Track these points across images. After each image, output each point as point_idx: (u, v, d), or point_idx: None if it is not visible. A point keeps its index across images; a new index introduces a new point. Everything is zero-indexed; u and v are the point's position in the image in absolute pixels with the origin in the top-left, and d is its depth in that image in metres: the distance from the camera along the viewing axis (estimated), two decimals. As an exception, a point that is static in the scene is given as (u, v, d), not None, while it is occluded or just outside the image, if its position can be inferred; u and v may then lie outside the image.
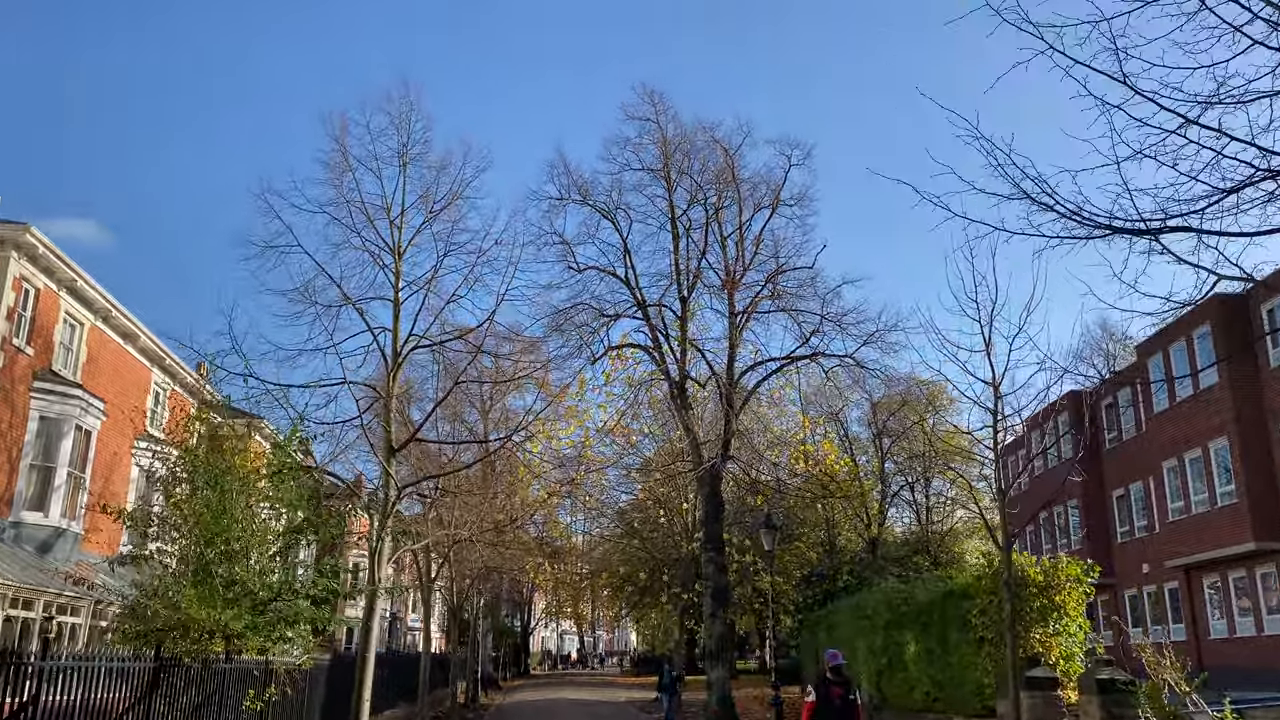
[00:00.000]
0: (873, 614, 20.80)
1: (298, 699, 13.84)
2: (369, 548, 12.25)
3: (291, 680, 12.85)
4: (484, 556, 27.87)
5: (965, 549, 65.42)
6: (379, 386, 13.22)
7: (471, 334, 13.20)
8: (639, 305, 27.67)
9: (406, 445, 13.03)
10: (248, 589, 9.97)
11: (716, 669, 24.63)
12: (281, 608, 10.41)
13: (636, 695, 45.04)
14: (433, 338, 13.34)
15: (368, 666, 11.98)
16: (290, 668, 12.95)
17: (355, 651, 12.60)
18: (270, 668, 12.13)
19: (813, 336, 26.84)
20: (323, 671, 15.82)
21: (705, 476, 26.20)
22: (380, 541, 11.99)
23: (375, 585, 11.84)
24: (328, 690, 15.74)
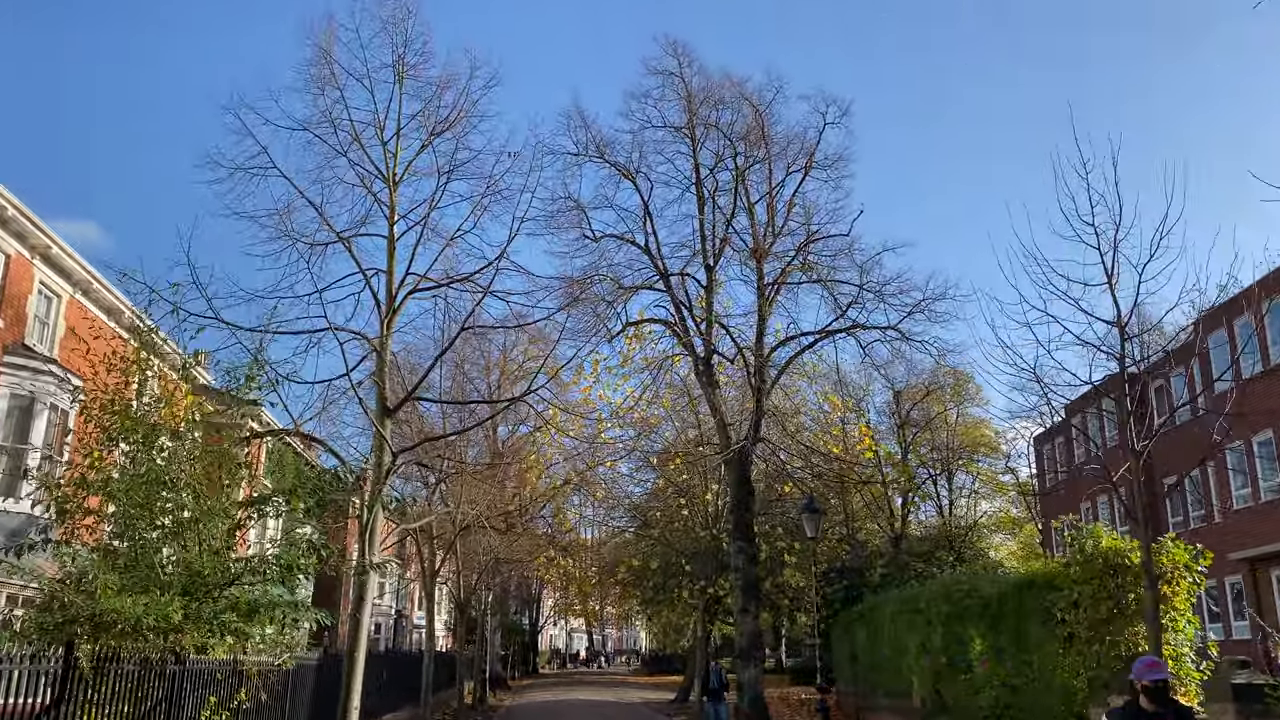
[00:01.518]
0: (927, 608, 18.63)
1: (277, 705, 11.77)
2: (359, 524, 10.21)
3: (267, 683, 10.80)
4: (493, 546, 25.81)
5: (990, 544, 63.36)
6: (372, 338, 11.17)
7: (480, 274, 11.15)
8: (661, 275, 25.56)
9: (403, 405, 10.96)
10: (193, 571, 7.93)
11: (748, 668, 22.52)
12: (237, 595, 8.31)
13: (652, 696, 42.97)
14: (435, 278, 11.28)
15: (357, 666, 9.96)
16: (267, 668, 10.89)
17: (345, 648, 10.50)
18: (240, 669, 10.08)
19: (850, 308, 24.72)
20: (309, 672, 13.74)
21: (733, 460, 24.09)
22: (372, 515, 9.96)
23: (366, 566, 9.81)
24: (316, 694, 13.67)
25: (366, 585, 10.27)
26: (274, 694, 11.59)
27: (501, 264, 10.58)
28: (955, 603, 17.31)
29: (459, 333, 11.23)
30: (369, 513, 10.08)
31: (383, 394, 10.80)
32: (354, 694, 10.07)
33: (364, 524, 10.16)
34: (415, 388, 10.80)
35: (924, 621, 18.77)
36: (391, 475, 10.77)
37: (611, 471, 34.64)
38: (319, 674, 14.23)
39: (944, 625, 17.68)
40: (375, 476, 10.31)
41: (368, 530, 10.17)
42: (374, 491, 10.15)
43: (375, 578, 10.42)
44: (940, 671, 18.08)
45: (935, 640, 18.05)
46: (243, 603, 8.21)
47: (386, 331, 11.01)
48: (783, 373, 25.11)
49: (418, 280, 11.28)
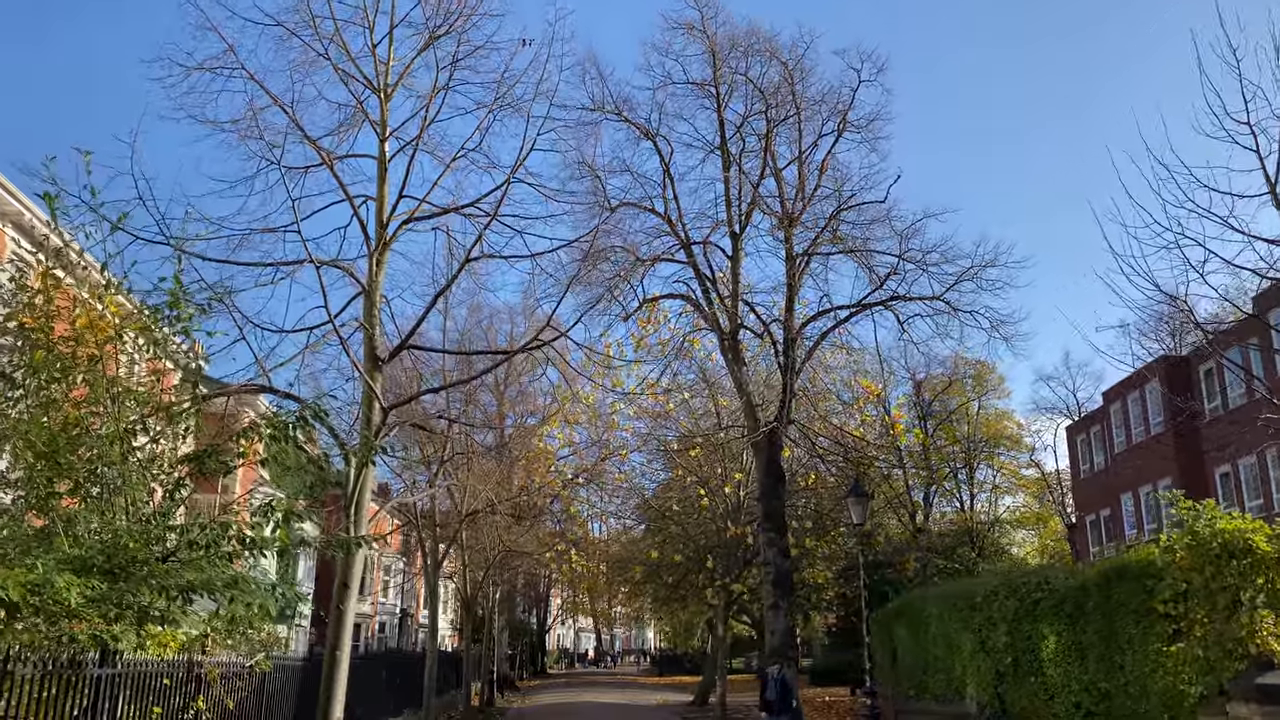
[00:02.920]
0: (985, 603, 16.68)
1: (252, 714, 9.91)
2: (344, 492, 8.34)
3: (233, 688, 8.97)
4: (500, 537, 23.96)
5: (1011, 540, 61.42)
6: (361, 276, 9.31)
7: (488, 198, 9.28)
8: (683, 245, 23.67)
9: (398, 353, 9.09)
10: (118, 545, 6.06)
11: (781, 670, 20.57)
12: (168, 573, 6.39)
13: (668, 698, 41.05)
14: (435, 205, 9.42)
15: (339, 667, 8.12)
16: (234, 670, 9.05)
17: (327, 645, 8.60)
18: (197, 671, 8.23)
19: (888, 279, 22.78)
20: (293, 675, 11.89)
21: (762, 444, 22.19)
22: (359, 481, 8.12)
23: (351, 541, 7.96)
24: (301, 700, 11.80)
25: (352, 567, 8.42)
26: (245, 701, 9.74)
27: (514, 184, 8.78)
28: (1023, 597, 15.37)
29: (463, 265, 9.35)
30: (356, 476, 8.24)
31: (372, 340, 8.95)
32: (335, 700, 8.22)
33: (349, 491, 8.32)
34: (411, 332, 8.96)
35: (983, 618, 16.83)
36: (382, 435, 8.92)
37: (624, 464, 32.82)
38: (305, 677, 12.36)
39: (1008, 622, 15.75)
40: (364, 436, 8.46)
41: (353, 498, 8.32)
42: (362, 452, 8.31)
43: (363, 556, 8.55)
44: (1003, 673, 16.15)
45: (997, 639, 16.11)
46: (173, 583, 6.30)
47: (377, 267, 9.16)
48: (814, 350, 23.18)
49: (415, 206, 9.40)
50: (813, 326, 24.00)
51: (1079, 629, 13.83)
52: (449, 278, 9.53)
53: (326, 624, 32.85)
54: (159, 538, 6.43)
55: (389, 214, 9.38)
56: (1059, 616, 14.37)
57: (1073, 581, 14.41)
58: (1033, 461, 60.11)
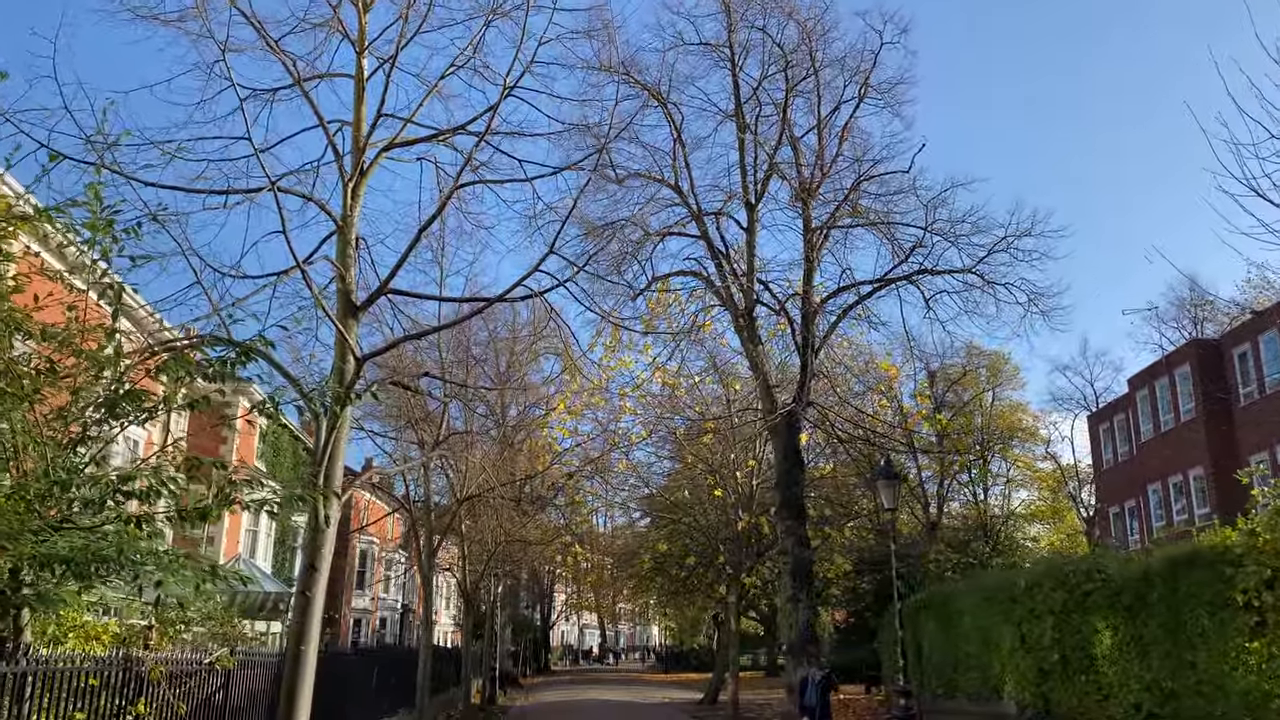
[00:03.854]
0: (1027, 595, 15.35)
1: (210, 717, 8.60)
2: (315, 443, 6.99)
3: (185, 690, 7.68)
4: (501, 526, 22.65)
5: (1025, 534, 60.08)
6: (335, 213, 7.99)
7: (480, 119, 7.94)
8: (695, 217, 22.34)
9: (377, 298, 7.78)
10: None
11: (801, 666, 19.28)
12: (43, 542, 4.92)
13: (675, 695, 39.77)
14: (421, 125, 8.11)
15: (303, 664, 6.79)
16: (186, 668, 7.75)
17: (289, 639, 7.24)
18: (135, 669, 6.92)
19: (914, 252, 21.43)
20: (270, 673, 10.56)
21: (780, 427, 20.87)
22: (330, 438, 6.82)
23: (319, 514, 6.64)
24: (275, 703, 10.47)
25: (321, 542, 7.10)
26: (206, 706, 8.44)
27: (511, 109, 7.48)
28: (1072, 588, 14.04)
29: (452, 190, 8.00)
30: (328, 432, 6.93)
31: (346, 283, 7.65)
32: (299, 705, 6.90)
33: (317, 450, 7.00)
34: (393, 273, 7.65)
35: (1024, 611, 15.50)
36: (363, 395, 7.61)
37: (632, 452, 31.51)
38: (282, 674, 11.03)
39: (1056, 615, 14.42)
40: (336, 391, 7.15)
41: (322, 457, 7.01)
42: (334, 406, 7.01)
43: (333, 532, 7.24)
44: (1048, 670, 14.83)
45: (1043, 633, 14.78)
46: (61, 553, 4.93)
47: (352, 199, 7.85)
48: (836, 326, 21.85)
49: (398, 130, 8.07)
50: (832, 303, 22.71)
51: (1139, 622, 12.51)
52: (436, 211, 8.20)
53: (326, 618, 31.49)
54: (46, 495, 5.10)
55: (366, 137, 8.08)
56: (1115, 609, 13.06)
57: (1130, 570, 13.09)
58: (1049, 454, 58.82)
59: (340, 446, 7.35)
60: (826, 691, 13.78)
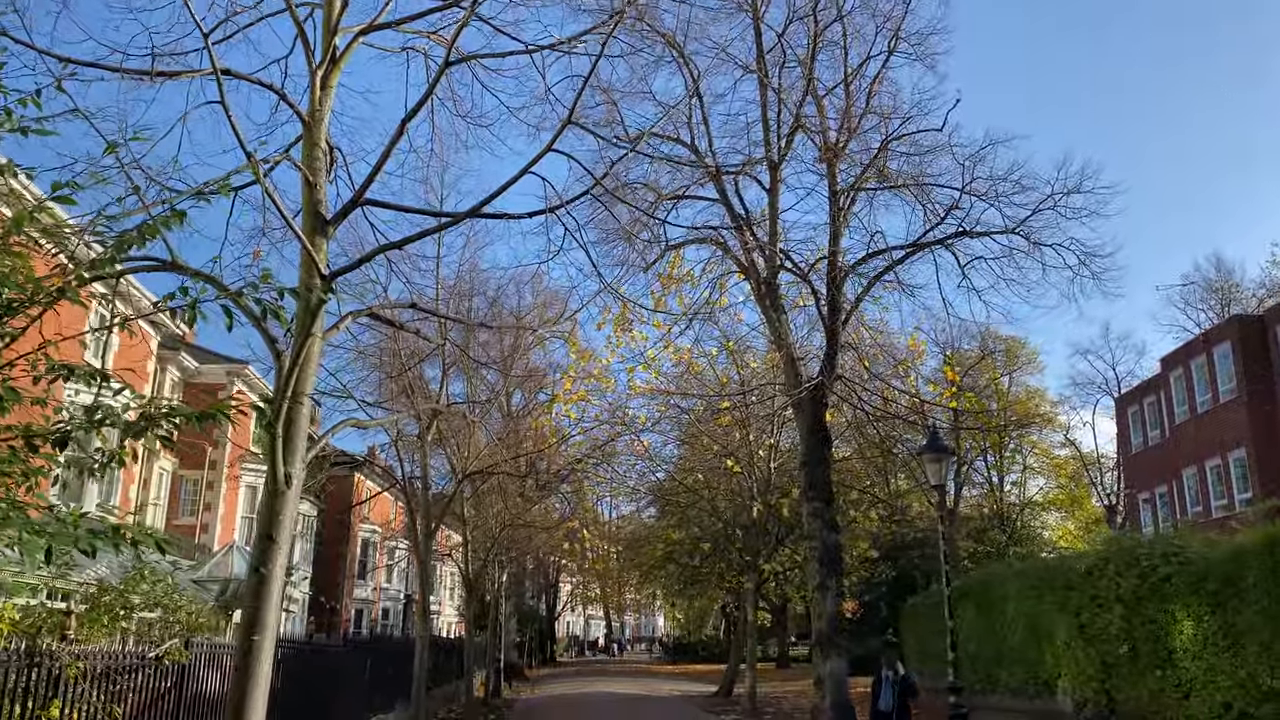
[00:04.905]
0: (1088, 581, 13.88)
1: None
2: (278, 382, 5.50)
3: (116, 691, 6.25)
4: (506, 509, 21.21)
5: (1042, 524, 58.73)
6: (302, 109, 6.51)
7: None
8: (712, 177, 20.78)
9: (351, 211, 6.29)
10: None
11: (830, 659, 17.87)
12: None
13: (687, 689, 38.39)
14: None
15: (257, 657, 5.32)
16: (122, 662, 6.31)
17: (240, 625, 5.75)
18: (46, 665, 5.48)
19: (950, 214, 19.88)
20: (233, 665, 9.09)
21: (805, 403, 19.36)
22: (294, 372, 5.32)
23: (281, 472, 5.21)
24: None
25: (281, 507, 5.64)
26: (147, 708, 6.99)
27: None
28: (1145, 572, 12.54)
29: (440, 73, 6.51)
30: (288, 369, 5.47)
31: (314, 191, 6.18)
32: (251, 704, 5.45)
33: (277, 389, 5.53)
34: (369, 180, 6.16)
35: (1084, 598, 14.03)
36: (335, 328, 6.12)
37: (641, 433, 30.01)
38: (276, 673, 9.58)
39: (1125, 603, 12.92)
40: (301, 317, 5.69)
41: (282, 399, 5.53)
42: (298, 335, 5.56)
43: (296, 494, 5.76)
44: (1113, 664, 13.35)
45: (1109, 623, 13.29)
46: None
47: (322, 91, 6.38)
48: (865, 295, 20.31)
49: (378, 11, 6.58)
50: (861, 272, 21.18)
51: (1230, 610, 11.02)
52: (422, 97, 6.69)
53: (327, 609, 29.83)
54: None
55: (338, 18, 6.58)
56: (1199, 595, 11.56)
57: (1217, 552, 11.59)
58: (1068, 440, 57.35)
59: (305, 387, 5.88)
60: (906, 695, 12.18)
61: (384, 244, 6.22)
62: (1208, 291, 49.60)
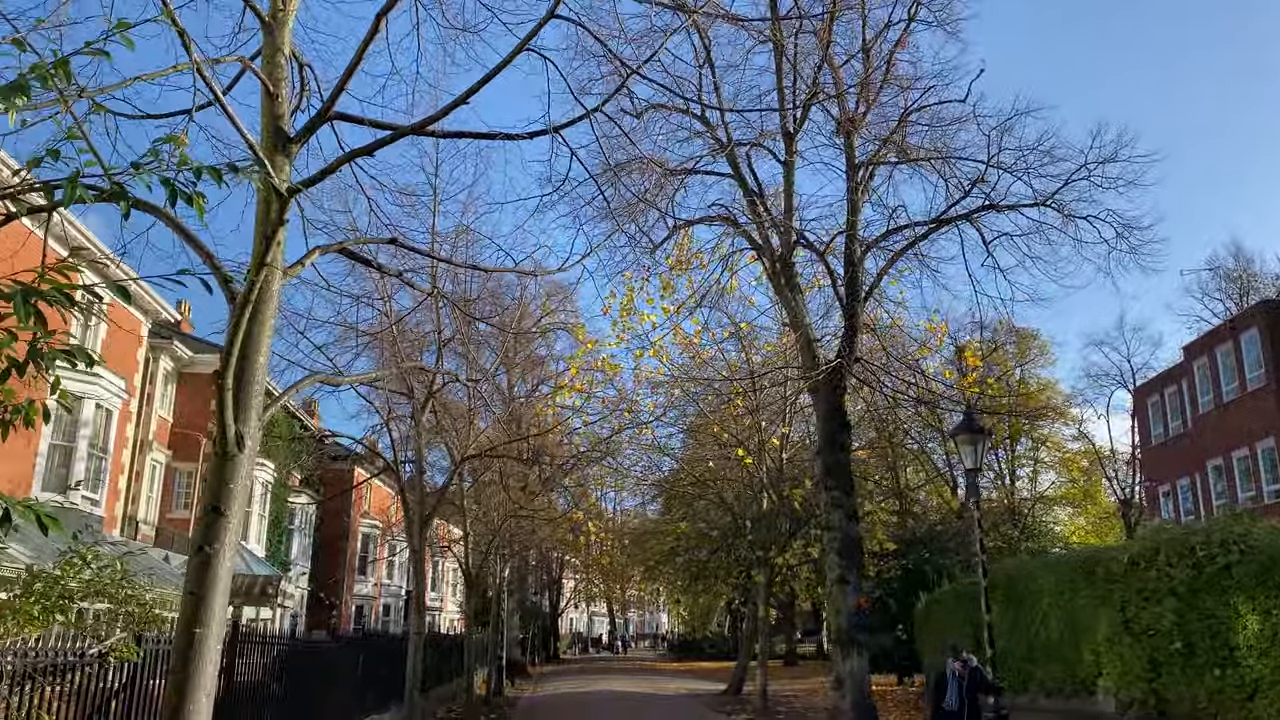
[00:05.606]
0: (1134, 572, 12.86)
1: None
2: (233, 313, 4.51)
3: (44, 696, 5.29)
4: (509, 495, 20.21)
5: (1054, 519, 57.84)
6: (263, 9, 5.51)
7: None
8: (724, 150, 19.79)
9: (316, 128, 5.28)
10: None
11: (850, 657, 16.88)
12: None
13: (694, 687, 37.41)
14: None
15: (201, 655, 4.35)
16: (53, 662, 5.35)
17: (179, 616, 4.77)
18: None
19: (975, 187, 18.85)
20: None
21: (822, 387, 18.37)
22: (245, 310, 4.33)
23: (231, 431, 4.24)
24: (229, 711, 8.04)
25: (231, 474, 4.65)
26: (88, 713, 6.01)
27: None
28: (1201, 562, 11.53)
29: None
30: (240, 306, 4.48)
31: (275, 103, 5.19)
32: (191, 710, 4.45)
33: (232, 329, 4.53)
34: (339, 89, 5.18)
35: (1130, 591, 13.01)
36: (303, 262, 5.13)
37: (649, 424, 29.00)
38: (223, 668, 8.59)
39: (1179, 596, 11.91)
40: (257, 246, 4.71)
41: (233, 344, 4.54)
42: (253, 263, 4.58)
43: (250, 454, 4.77)
44: (1163, 662, 12.34)
45: (1159, 617, 12.27)
46: None
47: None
48: (885, 272, 19.30)
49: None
50: (878, 251, 20.17)
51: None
52: None
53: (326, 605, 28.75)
54: None
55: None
56: (1265, 587, 10.55)
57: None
58: (1081, 434, 56.31)
59: (263, 332, 4.89)
60: (976, 690, 11.08)
61: (353, 150, 5.22)
62: (1226, 280, 48.52)
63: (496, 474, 19.47)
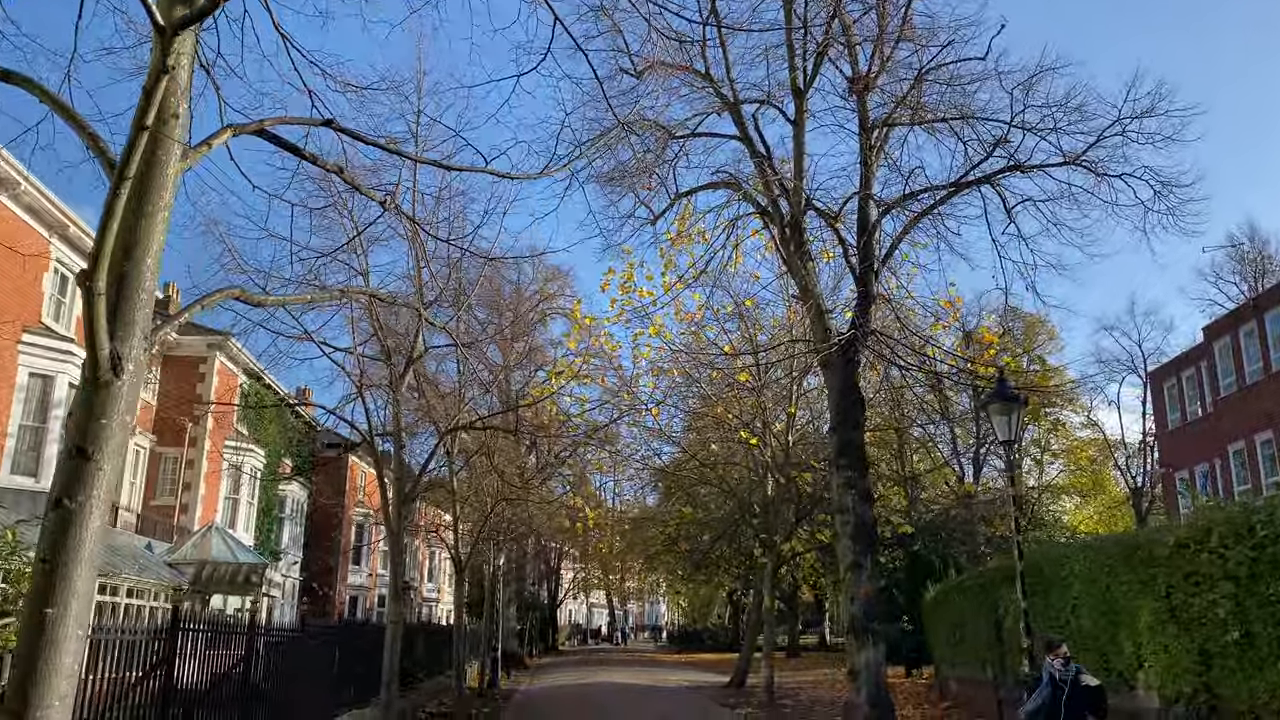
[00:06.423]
0: (1182, 556, 11.71)
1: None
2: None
3: None
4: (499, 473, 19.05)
5: (1063, 507, 56.91)
6: None
7: None
8: (730, 109, 18.62)
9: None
10: None
11: (866, 648, 15.76)
12: None
13: (696, 679, 36.38)
14: None
15: (54, 639, 3.26)
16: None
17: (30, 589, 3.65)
18: None
19: (998, 148, 17.67)
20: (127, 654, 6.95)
21: (835, 361, 17.21)
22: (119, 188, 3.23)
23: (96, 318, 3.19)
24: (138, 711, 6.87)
25: (103, 408, 3.54)
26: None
27: None
28: (1265, 543, 10.36)
29: None
30: (115, 182, 3.35)
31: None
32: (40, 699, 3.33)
33: (105, 216, 3.40)
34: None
35: (1177, 576, 11.86)
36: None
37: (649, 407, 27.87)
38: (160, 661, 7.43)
39: (1237, 581, 10.75)
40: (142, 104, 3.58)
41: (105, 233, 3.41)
42: (133, 128, 3.46)
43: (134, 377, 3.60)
44: (1215, 653, 11.19)
45: (1212, 604, 11.12)
46: None
47: None
48: (902, 238, 18.12)
49: None
50: (893, 219, 19.01)
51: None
52: None
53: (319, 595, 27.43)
54: None
55: None
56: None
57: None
58: (1090, 421, 55.25)
59: (153, 228, 3.74)
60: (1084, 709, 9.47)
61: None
62: (1241, 263, 47.37)
63: (487, 453, 18.33)
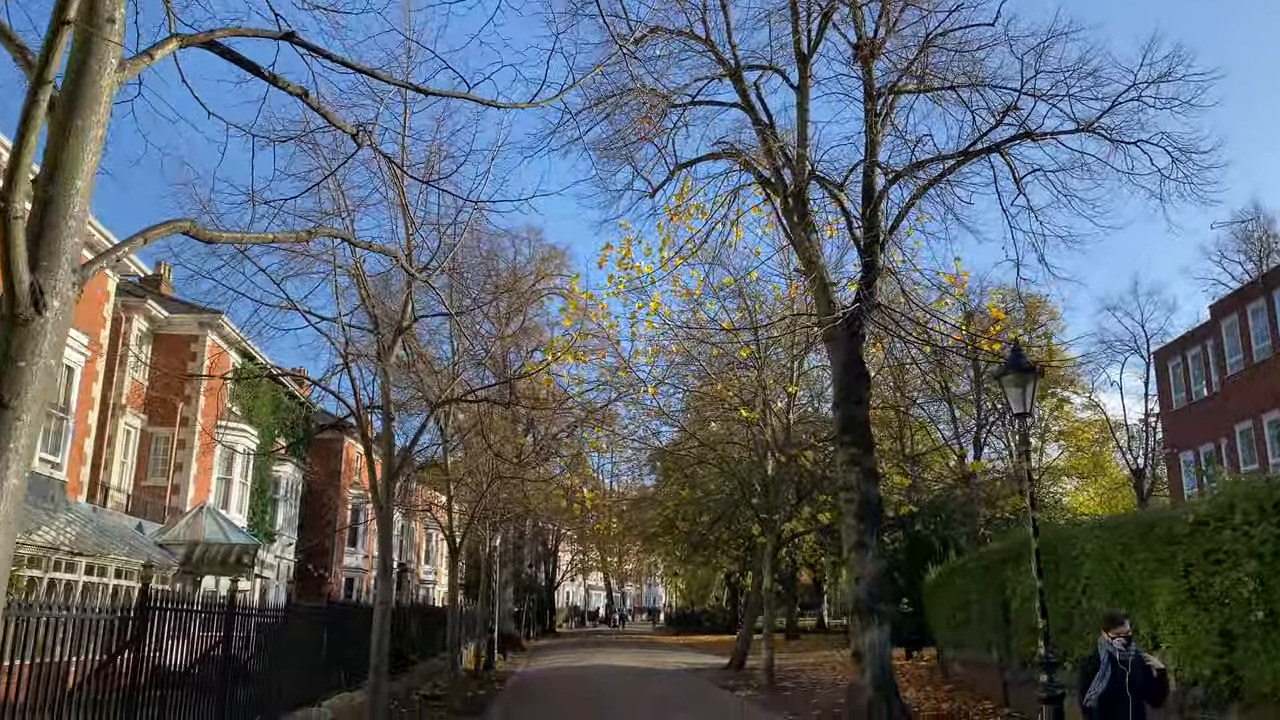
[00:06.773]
0: (1202, 533, 11.28)
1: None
2: None
3: None
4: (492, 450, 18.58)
5: (1064, 489, 56.69)
6: None
7: None
8: (731, 75, 18.05)
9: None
10: None
11: (870, 629, 15.38)
12: None
13: (694, 661, 36.10)
14: None
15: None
16: None
17: None
18: None
19: (1007, 115, 17.11)
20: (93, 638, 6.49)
21: (840, 334, 16.73)
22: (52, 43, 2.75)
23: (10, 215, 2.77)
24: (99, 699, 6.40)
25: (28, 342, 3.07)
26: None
27: None
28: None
29: None
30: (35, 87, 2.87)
31: None
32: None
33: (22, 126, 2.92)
34: None
35: (1196, 553, 11.42)
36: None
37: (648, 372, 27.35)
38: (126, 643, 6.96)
39: (1262, 558, 10.31)
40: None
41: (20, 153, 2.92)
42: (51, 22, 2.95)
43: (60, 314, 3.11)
44: (1238, 634, 10.77)
45: (1235, 583, 10.68)
46: None
47: None
48: (908, 210, 17.60)
49: None
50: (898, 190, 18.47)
51: None
52: None
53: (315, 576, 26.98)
54: None
55: None
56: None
57: None
58: (1092, 402, 54.90)
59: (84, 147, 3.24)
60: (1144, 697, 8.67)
61: None
62: (1246, 242, 46.86)
63: (482, 432, 17.84)
